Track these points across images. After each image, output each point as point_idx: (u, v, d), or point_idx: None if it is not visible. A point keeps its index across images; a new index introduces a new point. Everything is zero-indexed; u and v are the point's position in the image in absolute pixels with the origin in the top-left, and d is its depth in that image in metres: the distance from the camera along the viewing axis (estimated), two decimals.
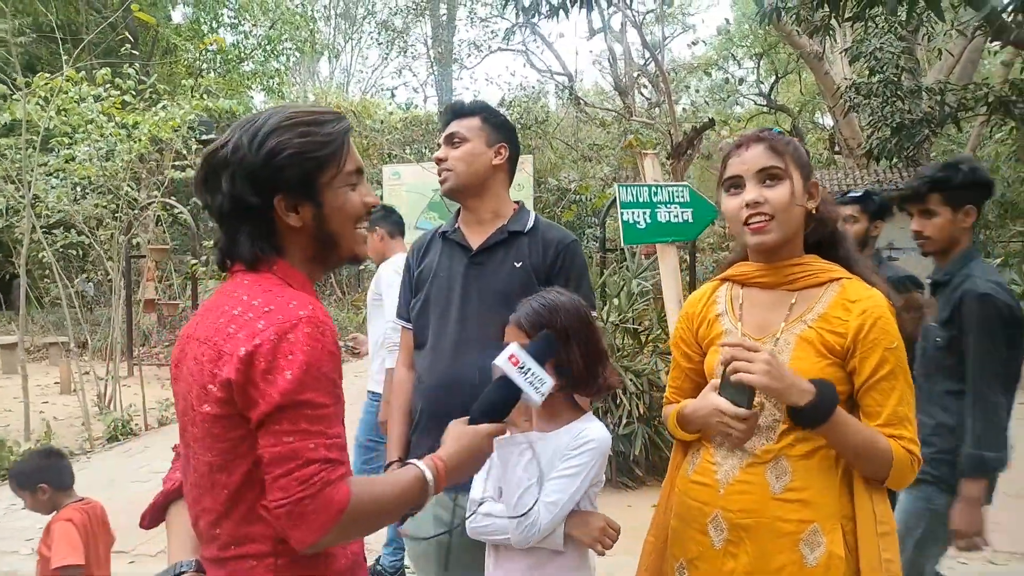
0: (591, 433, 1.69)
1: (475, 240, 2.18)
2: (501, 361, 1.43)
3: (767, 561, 1.51)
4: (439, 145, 2.24)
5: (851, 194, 3.17)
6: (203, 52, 14.16)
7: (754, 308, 1.64)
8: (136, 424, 7.22)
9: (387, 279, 3.73)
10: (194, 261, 7.97)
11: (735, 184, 1.60)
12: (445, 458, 1.30)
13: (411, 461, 1.28)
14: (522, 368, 1.43)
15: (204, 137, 9.72)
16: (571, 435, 1.68)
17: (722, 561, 1.56)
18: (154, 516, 1.37)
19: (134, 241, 9.04)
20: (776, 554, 1.50)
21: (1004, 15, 6.95)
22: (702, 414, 1.56)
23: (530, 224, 2.21)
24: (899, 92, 10.45)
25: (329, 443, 1.12)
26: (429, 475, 1.24)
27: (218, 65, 14.49)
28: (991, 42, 9.69)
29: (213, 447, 1.16)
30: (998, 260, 14.70)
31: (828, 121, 20.10)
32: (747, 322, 1.64)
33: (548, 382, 1.44)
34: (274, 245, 1.25)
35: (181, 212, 8.41)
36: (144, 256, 9.98)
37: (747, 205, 1.55)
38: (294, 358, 1.11)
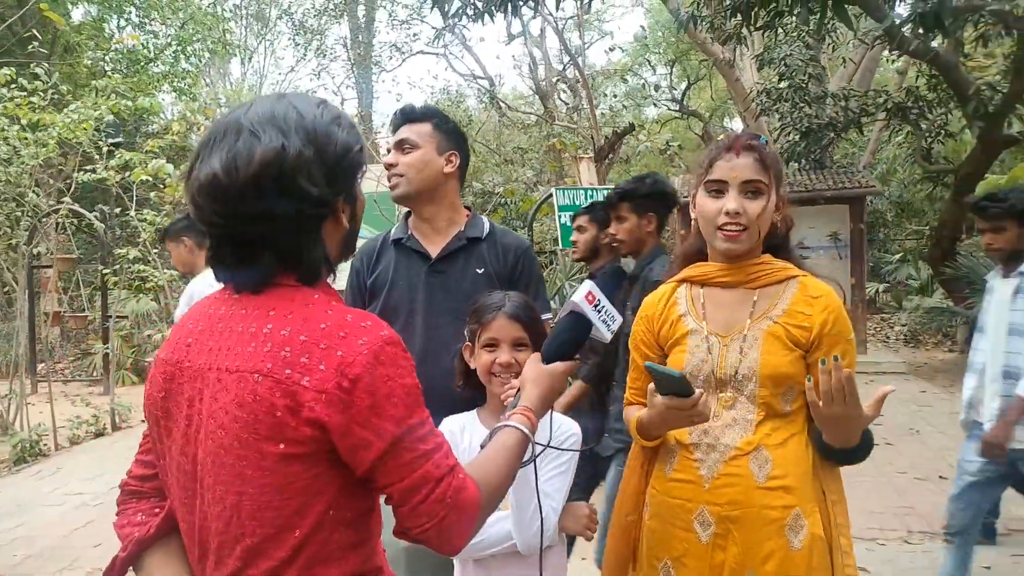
0: (568, 427, 1.72)
1: (432, 247, 2.17)
2: (578, 298, 1.42)
3: (756, 549, 1.55)
4: (389, 150, 2.22)
5: (581, 206, 3.63)
6: (107, 51, 13.47)
7: (717, 307, 1.69)
8: (45, 444, 6.82)
9: (202, 297, 3.43)
10: (105, 271, 7.55)
11: (718, 188, 1.64)
12: (532, 405, 1.35)
13: (507, 424, 1.30)
14: (596, 306, 1.43)
15: (112, 140, 9.27)
16: (547, 433, 1.69)
17: (711, 555, 1.60)
18: (124, 569, 1.20)
19: (35, 251, 8.53)
20: (764, 541, 1.55)
21: (903, 29, 7.41)
22: (659, 419, 1.59)
23: (487, 230, 2.22)
24: (806, 98, 10.95)
25: (444, 451, 1.11)
26: (526, 430, 1.28)
27: (124, 66, 13.81)
28: (890, 52, 10.30)
29: (287, 490, 1.05)
30: (896, 256, 15.65)
31: (738, 125, 20.87)
32: (712, 320, 1.69)
33: (618, 319, 1.45)
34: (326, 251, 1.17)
35: (92, 219, 7.97)
36: (49, 266, 9.43)
37: (726, 212, 1.60)
38: (394, 384, 1.06)
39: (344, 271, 2.25)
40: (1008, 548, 4.08)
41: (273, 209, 1.08)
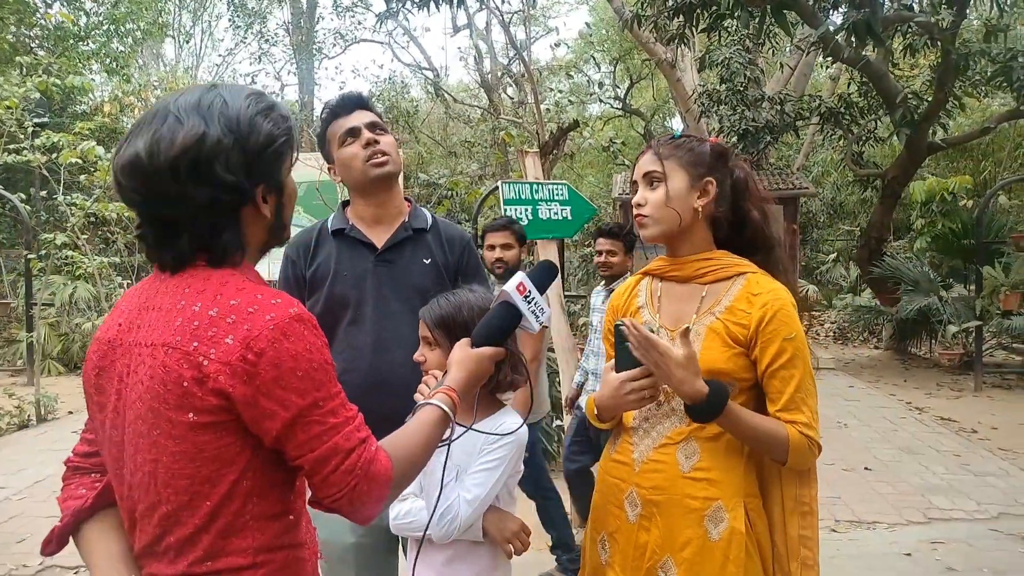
0: (509, 426, 1.72)
1: (377, 237, 2.14)
2: (510, 288, 1.47)
3: (675, 535, 1.61)
4: (353, 128, 2.10)
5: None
6: (32, 27, 12.84)
7: (670, 301, 1.75)
8: None
9: None
10: (31, 255, 7.22)
11: (634, 186, 1.75)
12: (455, 386, 1.39)
13: (428, 401, 1.33)
14: (527, 297, 1.48)
15: (38, 120, 8.87)
16: (489, 428, 1.71)
17: (636, 535, 1.67)
18: (62, 539, 1.24)
19: None
20: (684, 529, 1.61)
21: (837, 37, 7.69)
22: (609, 395, 1.63)
23: (430, 221, 2.22)
24: (745, 101, 11.24)
25: (356, 424, 1.16)
26: (447, 408, 1.32)
27: (51, 43, 13.18)
28: (825, 58, 10.65)
29: (197, 458, 1.10)
30: (831, 257, 16.21)
31: (678, 125, 21.23)
32: (664, 313, 1.75)
33: (548, 312, 1.50)
34: (244, 237, 1.20)
35: (16, 202, 7.61)
36: None
37: (634, 205, 1.72)
38: (300, 358, 1.10)
39: (276, 260, 2.21)
40: (928, 535, 4.30)
41: (188, 193, 1.13)
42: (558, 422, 5.50)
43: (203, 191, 1.13)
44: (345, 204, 2.25)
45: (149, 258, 1.22)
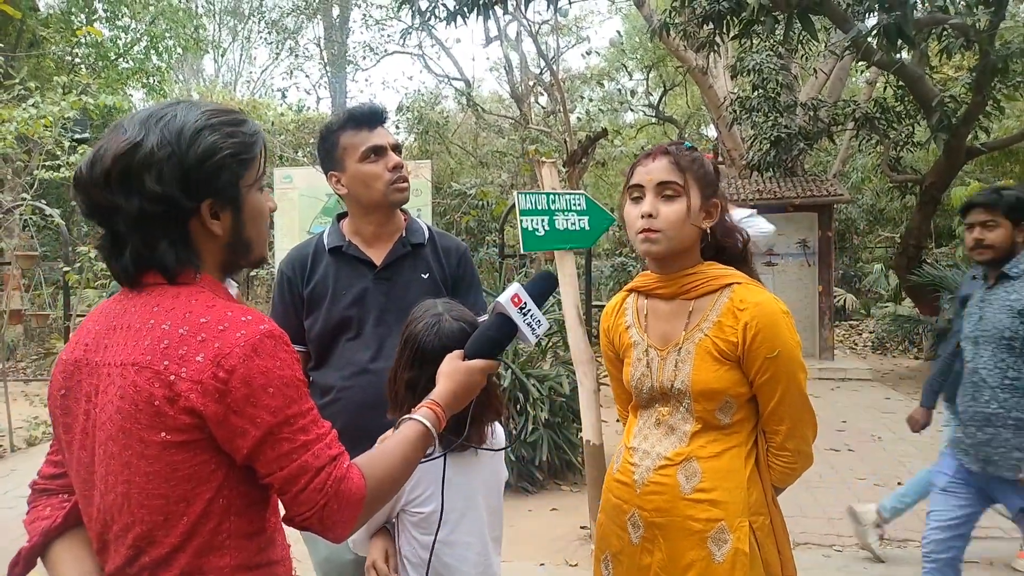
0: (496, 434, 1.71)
1: (375, 254, 2.12)
2: (504, 299, 1.41)
3: (679, 557, 1.58)
4: (379, 147, 2.07)
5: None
6: (75, 45, 13.20)
7: (657, 319, 1.70)
8: (1, 446, 6.66)
9: None
10: (67, 268, 7.40)
11: (637, 193, 1.65)
12: (440, 400, 1.35)
13: (410, 416, 1.29)
14: (523, 308, 1.42)
15: (78, 136, 9.12)
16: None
17: (640, 556, 1.64)
18: (30, 560, 1.23)
19: None
20: (687, 551, 1.57)
21: (869, 39, 7.51)
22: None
23: (427, 234, 2.19)
24: (778, 107, 11.06)
25: (327, 441, 1.14)
26: (429, 424, 1.28)
27: (92, 61, 13.55)
28: (857, 62, 10.43)
29: (172, 477, 1.09)
30: (876, 267, 15.79)
31: (712, 132, 21.00)
32: (651, 333, 1.70)
33: (545, 324, 1.44)
34: (194, 253, 1.17)
35: (51, 216, 7.82)
36: (7, 264, 9.24)
37: (642, 216, 1.61)
38: (271, 375, 1.09)
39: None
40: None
41: (118, 203, 1.12)
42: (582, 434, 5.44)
43: (132, 202, 1.11)
44: (339, 217, 2.22)
45: (109, 271, 1.22)
